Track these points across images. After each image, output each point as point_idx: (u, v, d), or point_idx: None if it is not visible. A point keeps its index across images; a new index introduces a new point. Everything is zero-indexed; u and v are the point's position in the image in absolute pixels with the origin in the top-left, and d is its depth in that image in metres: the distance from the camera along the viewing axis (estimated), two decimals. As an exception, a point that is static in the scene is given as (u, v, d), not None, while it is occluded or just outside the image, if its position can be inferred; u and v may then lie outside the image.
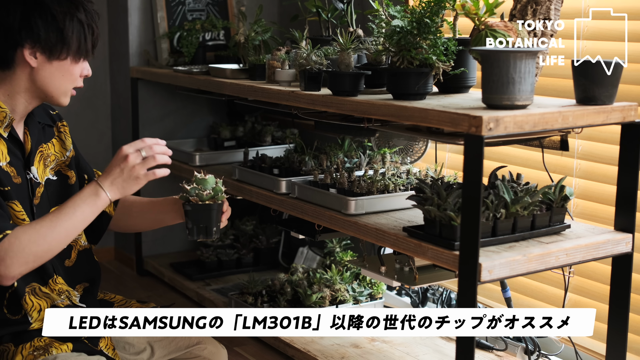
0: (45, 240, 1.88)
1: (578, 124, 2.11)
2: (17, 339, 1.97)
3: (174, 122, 3.89)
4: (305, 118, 2.83)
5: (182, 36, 3.66)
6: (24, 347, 1.97)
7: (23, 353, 1.96)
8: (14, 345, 1.97)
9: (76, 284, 2.13)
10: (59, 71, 2.01)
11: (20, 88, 2.00)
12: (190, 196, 2.11)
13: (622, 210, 2.26)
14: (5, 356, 1.96)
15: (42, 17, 1.95)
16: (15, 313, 1.98)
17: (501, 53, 2.01)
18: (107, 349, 2.05)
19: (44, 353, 1.97)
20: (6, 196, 1.95)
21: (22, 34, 1.94)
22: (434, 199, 2.14)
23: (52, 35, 1.96)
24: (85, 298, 2.12)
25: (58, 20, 1.96)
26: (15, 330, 1.98)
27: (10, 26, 1.94)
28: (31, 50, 1.96)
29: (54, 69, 2.00)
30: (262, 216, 3.88)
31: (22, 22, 1.94)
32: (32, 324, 1.99)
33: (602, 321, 2.35)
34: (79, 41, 1.99)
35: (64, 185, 2.16)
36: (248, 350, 2.98)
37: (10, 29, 1.94)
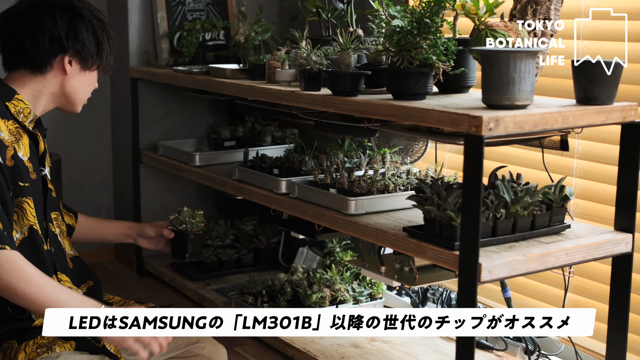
0: (27, 282, 1.91)
1: (578, 124, 2.11)
2: (21, 337, 1.98)
3: (174, 122, 3.89)
4: (305, 118, 2.83)
5: (182, 36, 3.66)
6: (27, 345, 1.98)
7: (26, 350, 1.97)
8: (17, 342, 1.99)
9: (80, 283, 2.16)
10: (86, 81, 2.17)
11: (46, 91, 2.13)
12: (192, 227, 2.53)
13: (622, 210, 2.26)
14: (8, 353, 1.97)
15: (86, 29, 2.11)
16: (19, 313, 1.99)
17: (501, 53, 2.01)
18: (109, 345, 2.06)
19: (47, 350, 1.98)
20: (23, 192, 2.02)
21: (68, 42, 2.08)
22: (434, 199, 2.14)
23: (92, 47, 2.12)
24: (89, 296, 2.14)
25: (98, 34, 2.13)
26: (18, 327, 1.99)
27: (59, 34, 2.07)
28: (70, 58, 2.10)
29: (83, 78, 2.15)
30: (262, 216, 3.88)
31: (69, 32, 2.09)
32: (35, 320, 2.00)
33: (602, 321, 2.35)
34: (107, 56, 2.18)
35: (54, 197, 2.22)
36: (248, 350, 2.98)
37: (58, 37, 2.08)
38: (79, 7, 2.11)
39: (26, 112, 2.08)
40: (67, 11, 2.10)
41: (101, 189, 4.07)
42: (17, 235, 2.01)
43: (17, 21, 2.08)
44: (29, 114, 2.09)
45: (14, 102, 2.07)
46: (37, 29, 2.07)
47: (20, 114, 2.07)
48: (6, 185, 1.96)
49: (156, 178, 3.89)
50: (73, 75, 2.12)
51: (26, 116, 2.08)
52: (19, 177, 2.00)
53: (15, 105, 2.06)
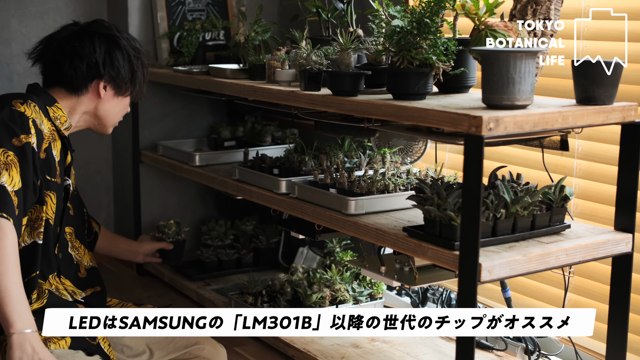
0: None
1: (578, 124, 2.11)
2: None
3: (174, 122, 3.88)
4: (305, 118, 2.83)
5: (182, 36, 3.66)
6: None
7: None
8: None
9: (87, 288, 2.20)
10: (119, 106, 2.33)
11: (80, 110, 2.28)
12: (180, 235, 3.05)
13: (622, 210, 2.26)
14: (3, 347, 1.98)
15: (122, 57, 2.27)
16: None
17: (501, 53, 2.01)
18: (104, 343, 2.07)
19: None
20: (49, 186, 2.12)
21: (105, 68, 2.24)
22: (434, 199, 2.14)
23: (127, 74, 2.28)
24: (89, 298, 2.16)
25: (133, 62, 2.29)
26: None
27: (96, 61, 2.23)
28: (105, 83, 2.26)
29: (116, 103, 2.31)
30: (262, 216, 3.88)
31: (106, 59, 2.24)
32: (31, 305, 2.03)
33: (602, 321, 2.35)
34: (141, 84, 2.33)
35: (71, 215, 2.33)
36: (248, 350, 2.98)
37: (95, 64, 2.23)
38: (117, 36, 2.27)
39: (62, 120, 2.22)
40: (105, 39, 2.25)
41: (101, 189, 4.07)
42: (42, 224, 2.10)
43: (59, 46, 2.23)
44: (65, 122, 2.22)
45: (53, 108, 2.21)
46: (76, 54, 2.22)
47: (57, 120, 2.20)
48: (34, 172, 2.05)
49: (156, 178, 3.89)
50: (107, 100, 2.27)
51: (62, 123, 2.21)
52: (47, 171, 2.12)
53: (54, 111, 2.20)
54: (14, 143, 2.01)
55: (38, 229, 2.08)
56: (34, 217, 2.08)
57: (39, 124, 2.08)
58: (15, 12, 3.72)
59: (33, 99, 2.14)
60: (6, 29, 3.71)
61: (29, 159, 2.02)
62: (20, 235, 1.99)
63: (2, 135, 2.02)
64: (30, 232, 2.08)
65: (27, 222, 2.06)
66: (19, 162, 2.00)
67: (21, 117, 2.06)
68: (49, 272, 2.11)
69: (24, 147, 2.02)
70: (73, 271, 2.22)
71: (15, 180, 1.98)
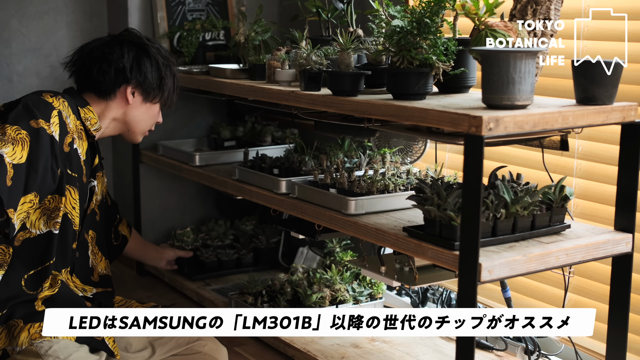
0: None
1: (578, 124, 2.11)
2: (28, 318, 2.04)
3: (174, 122, 3.88)
4: (305, 118, 2.83)
5: (182, 36, 3.66)
6: (32, 326, 2.01)
7: (30, 330, 2.00)
8: (24, 322, 2.02)
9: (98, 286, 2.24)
10: (148, 113, 2.36)
11: (110, 116, 2.32)
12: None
13: (622, 210, 2.26)
14: (12, 331, 2.01)
15: (150, 64, 2.31)
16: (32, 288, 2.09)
17: (501, 53, 2.01)
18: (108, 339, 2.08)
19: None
20: (70, 180, 2.14)
21: (132, 73, 2.28)
22: (434, 199, 2.14)
23: (154, 80, 2.32)
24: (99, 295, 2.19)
25: (161, 69, 2.33)
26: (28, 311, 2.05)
27: (124, 66, 2.28)
28: (133, 89, 2.30)
29: (144, 110, 2.35)
30: (262, 216, 3.88)
31: (134, 64, 2.29)
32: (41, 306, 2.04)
33: (602, 321, 2.35)
34: (170, 91, 2.37)
35: (94, 219, 2.37)
36: (248, 350, 2.98)
37: (124, 69, 2.28)
38: (146, 44, 2.32)
39: (93, 122, 2.26)
40: (135, 47, 2.30)
41: (101, 189, 4.07)
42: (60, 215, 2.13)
43: (90, 53, 2.31)
44: (95, 124, 2.26)
45: (85, 110, 2.25)
46: (105, 60, 2.28)
47: (87, 121, 2.24)
48: (52, 160, 2.06)
49: (156, 178, 3.89)
50: (135, 106, 2.31)
51: (92, 125, 2.25)
52: (69, 165, 2.14)
53: (85, 112, 2.25)
54: (30, 124, 2.05)
55: (55, 219, 2.11)
56: (52, 207, 2.11)
57: (64, 117, 2.12)
58: (15, 12, 3.72)
59: (65, 97, 2.20)
60: (6, 29, 3.71)
61: (43, 142, 2.04)
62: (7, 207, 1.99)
63: (21, 116, 2.06)
64: (47, 221, 2.11)
65: (44, 210, 2.09)
66: (30, 142, 2.02)
67: (46, 105, 2.10)
68: (62, 266, 2.15)
69: (40, 131, 2.05)
70: (86, 273, 2.25)
71: (18, 155, 2.00)
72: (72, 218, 2.13)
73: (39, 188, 2.04)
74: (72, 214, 2.13)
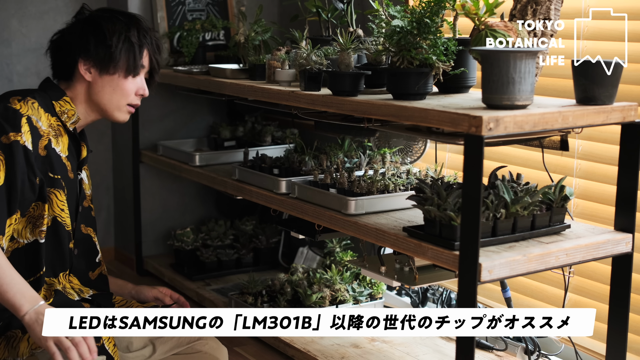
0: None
1: (578, 124, 2.11)
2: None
3: (174, 122, 3.89)
4: (305, 118, 2.83)
5: (182, 36, 3.66)
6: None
7: (29, 341, 1.99)
8: (22, 332, 2.01)
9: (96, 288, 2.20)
10: (110, 85, 2.21)
11: (80, 99, 2.22)
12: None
13: (622, 210, 2.26)
14: (11, 342, 2.00)
15: (94, 35, 2.17)
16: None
17: (501, 53, 2.01)
18: (108, 344, 2.07)
19: None
20: (53, 184, 2.08)
21: (78, 49, 2.17)
22: (434, 199, 2.14)
23: (100, 52, 2.17)
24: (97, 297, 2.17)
25: (107, 37, 2.17)
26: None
27: (70, 43, 2.18)
28: (85, 64, 2.18)
29: (105, 83, 2.20)
30: (262, 216, 3.88)
31: (79, 39, 2.17)
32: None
33: (602, 321, 2.35)
34: (128, 59, 2.19)
35: (91, 215, 2.30)
36: (248, 350, 2.98)
37: (70, 46, 2.18)
38: (96, 16, 2.20)
39: (70, 114, 2.17)
40: (83, 21, 2.20)
41: (101, 189, 4.07)
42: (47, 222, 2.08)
43: (52, 40, 2.24)
44: (72, 116, 2.17)
45: (60, 102, 2.17)
46: (57, 43, 2.21)
47: (64, 114, 2.16)
48: (28, 171, 2.01)
49: (156, 178, 3.89)
50: (94, 82, 2.19)
51: (70, 117, 2.17)
52: (49, 168, 2.07)
53: (61, 105, 2.17)
54: (2, 141, 1.99)
55: (40, 227, 2.07)
56: (36, 214, 2.07)
57: (34, 121, 2.05)
58: (15, 12, 3.72)
59: (36, 96, 2.12)
60: (6, 29, 3.71)
61: (17, 157, 1.99)
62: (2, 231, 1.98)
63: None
64: (32, 229, 2.07)
65: (29, 219, 2.06)
66: (4, 160, 1.97)
67: (14, 114, 2.03)
68: (61, 269, 2.13)
69: (12, 145, 1.99)
70: (86, 271, 2.23)
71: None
72: (63, 220, 2.10)
73: (20, 204, 2.01)
74: (61, 216, 2.09)
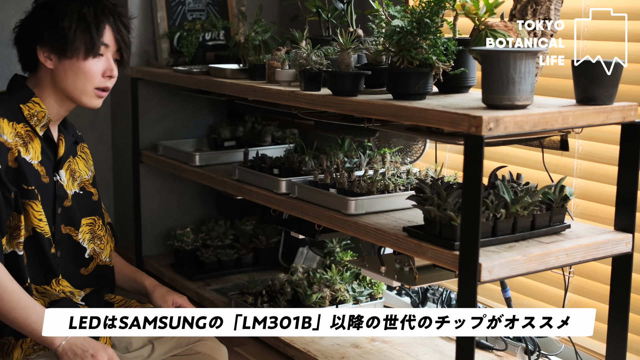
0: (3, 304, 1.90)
1: (578, 124, 2.11)
2: (18, 334, 1.99)
3: (174, 122, 3.89)
4: (305, 118, 2.83)
5: (182, 36, 3.66)
6: (24, 341, 1.99)
7: (23, 347, 1.98)
8: (15, 339, 2.00)
9: (85, 287, 2.16)
10: (71, 70, 2.06)
11: (48, 90, 2.09)
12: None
13: (622, 210, 2.26)
14: (5, 349, 1.98)
15: (47, 20, 2.04)
16: None
17: (501, 53, 2.01)
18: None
19: (43, 348, 1.98)
20: (28, 195, 2.00)
21: (33, 36, 2.04)
22: (434, 199, 2.14)
23: (55, 36, 2.03)
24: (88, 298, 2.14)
25: (58, 19, 2.02)
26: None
27: (26, 31, 2.07)
28: (44, 52, 2.05)
29: (66, 69, 2.06)
30: (262, 216, 3.88)
31: (31, 26, 2.06)
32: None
33: (602, 321, 2.35)
34: (84, 39, 2.04)
35: (90, 200, 2.24)
36: (248, 350, 2.98)
37: (27, 34, 2.06)
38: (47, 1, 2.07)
39: (40, 116, 2.06)
40: (37, 7, 2.08)
41: (101, 189, 4.06)
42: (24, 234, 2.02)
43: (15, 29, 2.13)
44: (42, 118, 2.06)
45: (29, 105, 2.06)
46: (21, 31, 2.09)
47: (33, 117, 2.05)
48: (2, 188, 1.95)
49: (156, 178, 3.89)
50: (56, 68, 2.06)
51: (39, 120, 2.06)
52: (22, 180, 1.99)
53: (30, 108, 2.05)
54: None
55: (17, 239, 2.01)
56: (12, 225, 2.00)
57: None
58: (15, 12, 3.72)
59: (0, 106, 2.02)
60: (6, 29, 3.69)
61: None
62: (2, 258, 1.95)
63: None
64: (10, 240, 2.00)
65: (7, 229, 2.00)
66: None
67: None
68: (52, 276, 2.09)
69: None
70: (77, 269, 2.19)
71: None
72: (42, 229, 2.03)
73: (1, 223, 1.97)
74: (39, 226, 2.02)
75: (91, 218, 2.22)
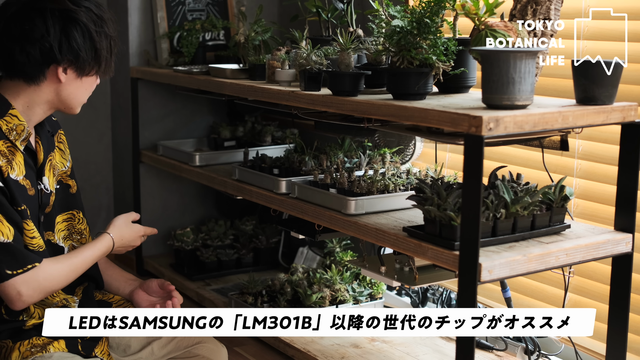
0: (64, 279, 2.00)
1: (578, 124, 2.11)
2: (16, 337, 1.98)
3: (174, 122, 3.89)
4: (305, 118, 2.83)
5: (182, 36, 3.66)
6: (21, 344, 1.98)
7: (20, 349, 1.97)
8: (12, 342, 1.99)
9: (76, 286, 2.14)
10: (84, 86, 2.04)
11: (42, 100, 2.01)
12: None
13: (622, 210, 2.26)
14: (2, 352, 1.97)
15: (82, 35, 1.96)
16: (13, 316, 1.99)
17: (501, 53, 2.01)
18: (102, 355, 2.06)
19: (41, 350, 1.98)
20: (21, 216, 1.94)
21: (62, 52, 1.94)
22: (434, 199, 2.14)
23: (88, 54, 1.98)
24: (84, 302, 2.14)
25: (94, 38, 1.98)
26: (14, 327, 1.99)
27: (51, 45, 1.93)
28: (65, 67, 1.97)
29: (79, 85, 2.02)
30: (262, 216, 3.88)
31: (63, 41, 1.94)
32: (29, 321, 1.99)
33: (602, 321, 2.35)
34: (107, 60, 2.03)
35: (67, 194, 2.18)
36: (248, 350, 2.98)
37: (50, 48, 1.93)
38: (72, 10, 1.94)
39: (19, 130, 1.96)
40: (60, 16, 1.94)
41: (101, 189, 4.07)
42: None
43: (6, 28, 1.94)
44: (22, 132, 1.97)
45: (6, 119, 1.95)
46: (27, 39, 1.92)
47: (12, 132, 1.95)
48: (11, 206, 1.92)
49: (156, 178, 3.89)
50: (69, 83, 2.00)
51: (19, 134, 1.96)
52: (13, 202, 1.93)
53: (7, 122, 1.95)
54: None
55: None
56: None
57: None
58: None
59: None
60: None
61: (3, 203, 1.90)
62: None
63: None
64: None
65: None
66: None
67: None
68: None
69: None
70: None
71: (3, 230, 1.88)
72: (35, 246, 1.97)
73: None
74: (32, 243, 1.96)
75: (69, 213, 2.15)
